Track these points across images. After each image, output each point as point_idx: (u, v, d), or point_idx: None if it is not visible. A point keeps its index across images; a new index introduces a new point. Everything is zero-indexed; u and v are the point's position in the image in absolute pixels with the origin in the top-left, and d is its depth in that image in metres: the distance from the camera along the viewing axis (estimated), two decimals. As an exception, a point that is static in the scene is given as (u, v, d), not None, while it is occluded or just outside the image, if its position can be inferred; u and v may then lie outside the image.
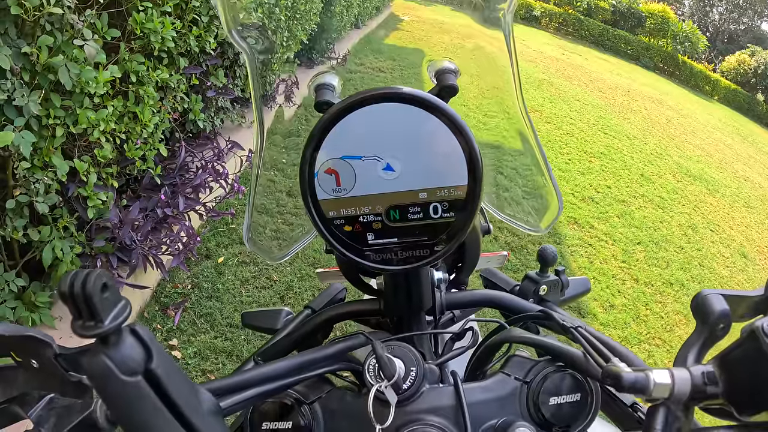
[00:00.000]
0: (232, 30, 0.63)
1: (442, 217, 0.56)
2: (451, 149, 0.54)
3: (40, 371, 0.45)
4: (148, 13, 2.17)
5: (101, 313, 0.34)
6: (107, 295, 0.34)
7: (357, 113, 0.53)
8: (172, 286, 2.75)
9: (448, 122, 0.53)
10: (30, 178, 1.77)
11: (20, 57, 1.63)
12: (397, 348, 0.57)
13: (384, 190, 0.55)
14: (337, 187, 0.55)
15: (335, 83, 0.65)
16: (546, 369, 0.58)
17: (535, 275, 0.86)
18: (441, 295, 0.75)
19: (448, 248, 0.57)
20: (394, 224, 0.57)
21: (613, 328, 3.49)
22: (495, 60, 0.70)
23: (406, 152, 0.54)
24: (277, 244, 0.83)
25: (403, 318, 0.73)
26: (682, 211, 5.84)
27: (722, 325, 0.51)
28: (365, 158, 0.54)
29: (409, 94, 0.53)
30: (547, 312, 0.67)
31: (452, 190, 0.55)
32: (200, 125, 3.08)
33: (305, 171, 0.55)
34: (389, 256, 0.58)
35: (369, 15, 8.49)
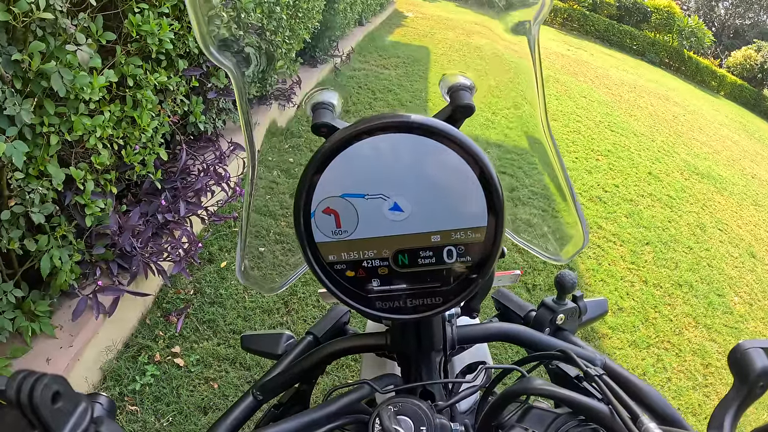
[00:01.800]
0: (210, 47, 0.55)
1: (457, 262, 0.49)
2: (469, 186, 0.47)
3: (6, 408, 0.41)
4: (145, 15, 2.11)
5: (54, 426, 0.29)
6: (60, 405, 0.29)
7: (359, 145, 0.46)
8: (174, 291, 2.71)
9: (465, 155, 0.46)
10: (25, 188, 1.73)
11: (11, 64, 1.58)
12: (405, 405, 0.51)
13: (391, 232, 0.49)
14: (337, 229, 0.49)
15: (335, 101, 0.57)
16: (568, 424, 0.53)
17: (552, 303, 0.80)
18: (453, 331, 0.69)
19: (464, 296, 0.50)
20: (403, 270, 0.50)
21: (621, 331, 3.43)
22: (517, 75, 0.63)
23: (416, 190, 0.47)
24: (273, 274, 0.77)
25: (410, 357, 0.67)
26: (691, 210, 5.77)
27: (762, 383, 0.47)
28: (369, 197, 0.47)
29: (419, 123, 0.46)
30: (567, 353, 0.61)
31: (470, 233, 0.48)
32: (201, 127, 3.03)
33: (300, 211, 0.48)
34: (397, 305, 0.51)
35: (373, 12, 8.42)
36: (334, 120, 0.56)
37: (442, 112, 0.55)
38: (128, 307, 2.38)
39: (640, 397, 0.62)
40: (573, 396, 0.53)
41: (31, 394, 0.28)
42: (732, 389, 0.48)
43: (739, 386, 0.48)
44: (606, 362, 0.67)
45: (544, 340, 0.70)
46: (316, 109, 0.57)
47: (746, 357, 0.47)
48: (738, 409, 0.48)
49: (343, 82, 5.74)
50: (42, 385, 0.28)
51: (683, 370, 3.27)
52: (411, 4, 9.20)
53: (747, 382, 0.47)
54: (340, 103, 0.58)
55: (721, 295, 4.31)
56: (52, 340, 2.05)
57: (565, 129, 6.94)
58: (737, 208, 6.42)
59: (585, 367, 0.57)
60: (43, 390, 0.29)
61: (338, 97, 0.58)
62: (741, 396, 0.48)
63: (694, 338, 3.64)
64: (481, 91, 0.59)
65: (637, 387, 0.63)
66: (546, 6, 0.56)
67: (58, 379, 0.30)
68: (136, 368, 2.28)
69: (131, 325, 2.45)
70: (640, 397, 0.62)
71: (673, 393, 3.06)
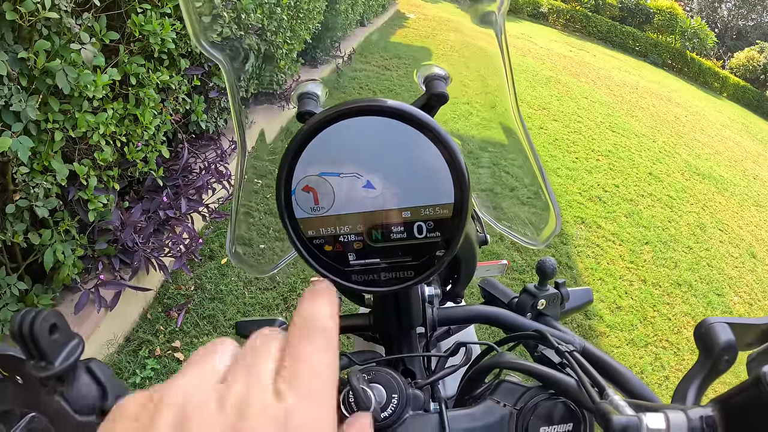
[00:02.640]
0: (202, 40, 0.59)
1: (427, 237, 0.52)
2: (436, 166, 0.50)
3: (24, 387, 0.44)
4: (148, 15, 2.15)
5: (50, 354, 0.33)
6: (56, 336, 0.33)
7: (335, 127, 0.49)
8: (175, 287, 2.74)
9: (432, 137, 0.49)
10: (29, 183, 1.76)
11: (17, 62, 1.62)
12: (379, 374, 0.54)
13: (364, 209, 0.52)
14: (315, 206, 0.52)
15: (319, 92, 0.61)
16: (537, 397, 0.56)
17: (533, 288, 0.83)
18: (433, 312, 0.73)
19: (433, 270, 0.53)
20: (377, 244, 0.53)
21: (620, 330, 3.45)
22: (488, 64, 0.66)
23: (387, 169, 0.50)
24: (265, 257, 0.81)
25: (391, 335, 0.71)
26: (691, 210, 5.79)
27: (727, 357, 0.49)
28: (344, 175, 0.51)
29: (391, 108, 0.49)
30: (541, 332, 0.64)
31: (438, 209, 0.51)
32: (203, 126, 3.06)
33: (281, 189, 0.51)
34: (372, 278, 0.54)
35: (375, 12, 8.45)
36: (317, 108, 0.60)
37: (418, 100, 0.59)
38: (129, 301, 2.42)
39: (616, 377, 0.64)
40: (542, 369, 0.56)
41: (31, 327, 0.32)
42: (696, 363, 0.50)
43: (703, 360, 0.50)
44: (585, 345, 0.70)
45: (523, 322, 0.73)
46: (301, 99, 0.61)
47: (711, 331, 0.49)
48: (702, 381, 0.49)
49: (344, 82, 5.77)
50: (41, 318, 0.32)
51: (681, 368, 3.29)
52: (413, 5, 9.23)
53: (711, 355, 0.49)
54: (325, 93, 0.62)
55: (721, 295, 4.33)
56: (55, 334, 2.08)
57: (566, 129, 6.96)
58: (738, 209, 6.43)
59: (557, 344, 0.60)
60: (42, 322, 0.32)
61: (323, 88, 0.62)
62: (705, 369, 0.49)
63: (692, 337, 3.65)
64: (456, 81, 0.63)
65: (613, 368, 0.65)
66: None
67: (55, 314, 0.34)
68: (136, 362, 2.32)
69: (132, 320, 2.49)
70: (615, 378, 0.64)
71: (671, 391, 3.07)
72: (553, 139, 6.47)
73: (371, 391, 0.51)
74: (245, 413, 0.26)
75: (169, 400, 0.27)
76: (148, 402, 0.28)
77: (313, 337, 0.32)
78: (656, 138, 8.09)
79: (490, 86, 0.70)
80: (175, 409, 0.26)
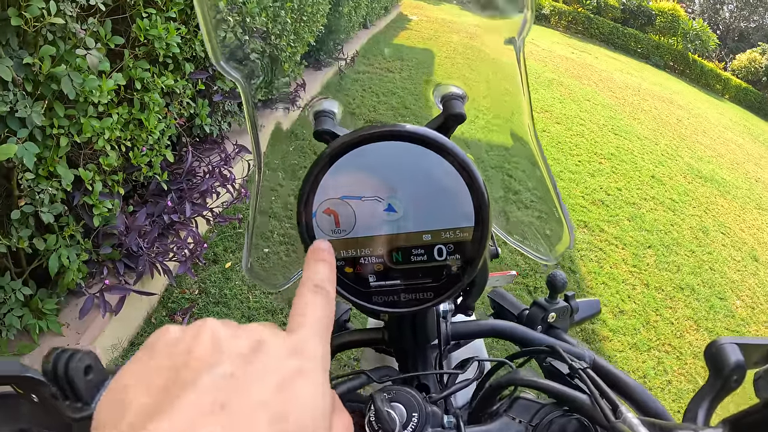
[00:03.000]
0: (220, 60, 0.59)
1: (447, 260, 0.53)
2: (457, 190, 0.51)
3: (40, 406, 0.44)
4: (152, 20, 2.15)
5: (86, 396, 0.33)
6: (91, 377, 0.34)
7: (357, 152, 0.50)
8: (180, 291, 2.75)
9: (453, 161, 0.50)
10: (35, 188, 1.77)
11: (22, 68, 1.62)
12: (399, 393, 0.55)
13: (385, 231, 0.53)
14: (336, 228, 0.52)
15: (335, 110, 0.62)
16: (552, 413, 0.57)
17: (543, 302, 0.83)
18: (447, 326, 0.73)
19: (453, 291, 0.54)
20: (397, 266, 0.54)
21: (622, 334, 3.45)
22: (505, 83, 0.67)
23: (409, 193, 0.51)
24: (280, 272, 0.81)
25: (407, 351, 0.71)
26: (693, 213, 5.79)
27: (736, 376, 0.50)
28: (365, 198, 0.51)
29: (411, 133, 0.50)
30: (554, 348, 0.64)
31: (458, 232, 0.52)
32: (207, 129, 3.07)
33: (302, 211, 0.52)
34: (392, 299, 0.55)
35: (377, 15, 8.46)
36: (334, 127, 0.60)
37: (435, 120, 0.59)
38: (134, 306, 2.42)
39: (627, 392, 0.65)
40: (556, 386, 0.57)
41: (66, 367, 0.32)
42: (707, 383, 0.51)
43: (713, 380, 0.51)
44: (595, 359, 0.70)
45: (535, 336, 0.73)
46: (317, 117, 0.61)
47: (722, 352, 0.50)
48: (712, 401, 0.51)
49: (347, 85, 5.78)
50: (76, 360, 0.33)
51: (684, 372, 3.29)
52: (416, 7, 9.24)
53: (721, 376, 0.50)
54: (341, 111, 0.63)
55: (723, 299, 4.33)
56: (59, 338, 2.09)
57: (569, 132, 6.96)
58: (740, 212, 6.43)
59: (570, 361, 0.60)
60: (77, 364, 0.33)
61: (339, 106, 0.62)
62: (715, 389, 0.50)
63: (695, 341, 3.66)
64: (473, 99, 0.63)
65: (624, 382, 0.66)
66: (528, 22, 0.60)
67: (90, 354, 0.34)
68: (141, 366, 2.31)
69: (137, 324, 2.49)
70: (626, 392, 0.65)
71: (674, 395, 3.08)
72: (555, 142, 6.47)
73: (394, 412, 0.52)
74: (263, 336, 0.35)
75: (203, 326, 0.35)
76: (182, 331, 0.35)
77: (316, 293, 0.42)
78: (658, 140, 8.08)
79: (505, 98, 0.70)
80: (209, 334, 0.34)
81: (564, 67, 11.64)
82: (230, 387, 0.31)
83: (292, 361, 0.34)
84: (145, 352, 0.34)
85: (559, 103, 8.21)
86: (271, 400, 0.31)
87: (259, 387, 0.31)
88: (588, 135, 7.10)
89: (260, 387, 0.31)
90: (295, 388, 0.32)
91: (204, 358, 0.32)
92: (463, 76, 0.64)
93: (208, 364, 0.32)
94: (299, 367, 0.34)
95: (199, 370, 0.31)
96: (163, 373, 0.32)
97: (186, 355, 0.32)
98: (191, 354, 0.32)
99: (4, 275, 1.89)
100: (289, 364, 0.34)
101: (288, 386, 0.32)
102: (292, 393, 0.32)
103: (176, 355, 0.33)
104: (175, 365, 0.32)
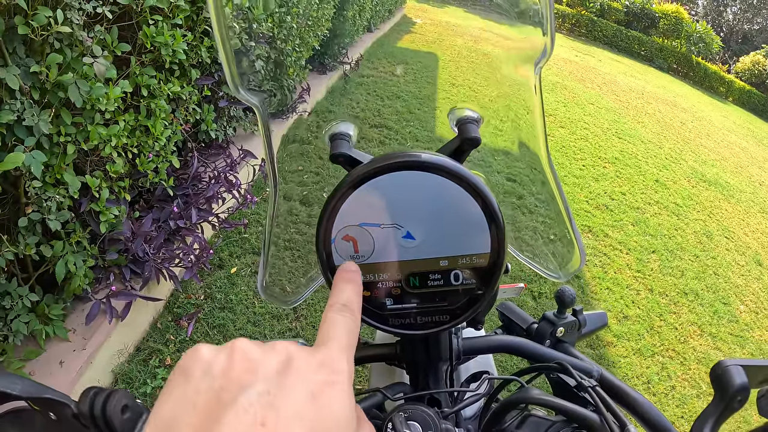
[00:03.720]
0: (239, 88, 0.60)
1: (463, 284, 0.55)
2: (474, 217, 0.52)
3: (56, 423, 0.45)
4: (159, 26, 2.16)
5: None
6: (128, 416, 0.35)
7: (375, 181, 0.52)
8: (185, 296, 2.75)
9: (470, 190, 0.51)
10: (42, 196, 1.77)
11: (29, 76, 1.62)
12: (414, 411, 0.56)
13: (403, 258, 0.54)
14: (355, 254, 0.54)
15: (351, 132, 0.63)
16: (562, 431, 0.58)
17: (552, 316, 0.84)
18: (458, 342, 0.74)
19: (468, 315, 0.55)
20: (414, 290, 0.55)
21: (626, 339, 3.45)
22: (521, 106, 0.68)
23: (426, 220, 0.52)
24: (290, 290, 0.81)
25: (419, 366, 0.72)
26: (697, 217, 5.78)
27: (740, 397, 0.52)
28: (384, 226, 0.53)
29: (429, 163, 0.51)
30: (563, 365, 0.65)
31: (474, 258, 0.53)
32: (213, 135, 3.08)
33: (321, 237, 0.53)
34: (409, 321, 0.57)
35: (382, 18, 8.46)
36: (350, 150, 0.61)
37: (450, 143, 0.60)
38: (140, 311, 2.43)
39: (634, 407, 0.66)
40: (566, 405, 0.58)
41: (104, 407, 0.34)
42: (712, 403, 0.53)
43: (718, 400, 0.53)
44: (602, 373, 0.71)
45: (544, 351, 0.74)
46: (333, 140, 0.62)
47: (727, 373, 0.52)
48: (717, 420, 0.53)
49: (352, 89, 5.79)
50: (114, 400, 0.34)
51: (688, 378, 3.29)
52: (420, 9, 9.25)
53: (726, 397, 0.51)
54: (356, 134, 0.64)
55: (727, 304, 4.32)
56: (66, 343, 2.10)
57: (573, 136, 6.96)
58: (744, 216, 6.42)
59: (579, 379, 0.61)
60: (115, 403, 0.34)
61: (354, 128, 0.64)
62: (719, 409, 0.52)
63: (699, 346, 3.66)
64: (488, 121, 0.64)
65: (631, 397, 0.67)
66: (548, 52, 0.60)
67: (125, 394, 0.36)
68: (147, 371, 2.33)
69: (143, 329, 2.50)
70: (633, 407, 0.66)
71: (677, 401, 3.07)
72: (560, 146, 6.47)
73: (410, 431, 0.53)
74: (292, 353, 0.37)
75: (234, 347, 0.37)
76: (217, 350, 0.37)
77: (343, 313, 0.44)
78: (662, 144, 8.08)
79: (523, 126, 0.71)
80: (241, 354, 0.36)
81: (568, 70, 11.64)
82: (267, 404, 0.33)
83: (321, 374, 0.36)
84: (180, 376, 0.35)
85: (563, 107, 8.21)
86: (305, 412, 0.33)
87: (293, 401, 0.33)
88: (592, 139, 7.10)
89: (294, 401, 0.33)
90: (326, 398, 0.35)
91: (240, 378, 0.34)
92: (477, 98, 0.65)
93: (245, 384, 0.34)
94: (327, 380, 0.36)
95: (237, 391, 0.33)
96: (203, 396, 0.33)
97: (223, 377, 0.34)
98: (227, 376, 0.34)
99: (11, 281, 1.89)
100: (318, 376, 0.36)
101: (319, 397, 0.34)
102: (324, 402, 0.34)
103: (213, 377, 0.34)
104: (213, 387, 0.34)
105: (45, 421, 0.46)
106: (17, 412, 0.47)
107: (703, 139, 9.82)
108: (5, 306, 1.86)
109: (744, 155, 10.06)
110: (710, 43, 20.93)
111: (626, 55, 19.68)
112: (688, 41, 20.76)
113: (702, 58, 21.18)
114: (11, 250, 1.75)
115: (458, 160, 0.60)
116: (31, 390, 0.42)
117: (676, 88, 16.22)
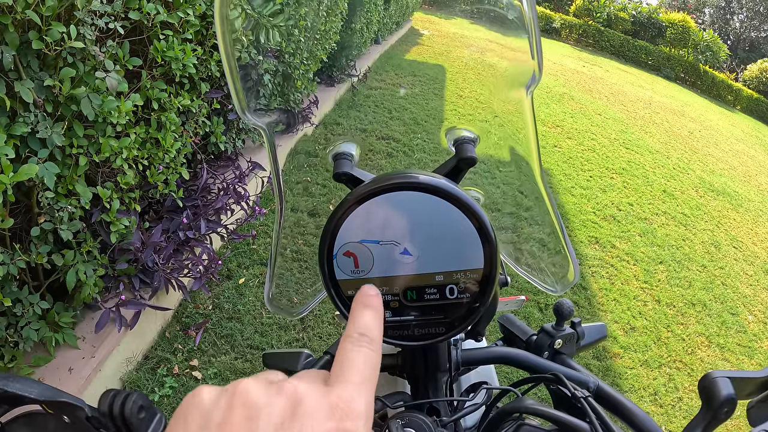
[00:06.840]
0: (246, 112, 0.63)
1: (458, 298, 0.57)
2: (468, 235, 0.55)
3: (70, 426, 0.48)
4: (169, 41, 2.20)
5: None
6: (143, 416, 0.38)
7: (374, 200, 0.55)
8: (194, 306, 2.78)
9: (464, 210, 0.54)
10: (54, 206, 1.81)
11: (43, 89, 1.66)
12: (413, 419, 0.58)
13: (401, 273, 0.57)
14: (355, 269, 0.57)
15: (353, 152, 0.66)
16: None
17: (550, 329, 0.86)
18: (457, 354, 0.76)
19: (463, 327, 0.58)
20: (412, 303, 0.58)
21: (633, 351, 3.45)
22: (516, 127, 0.71)
23: (422, 238, 0.55)
24: (296, 302, 0.84)
25: (419, 377, 0.74)
26: (705, 228, 5.77)
27: (727, 408, 0.54)
28: (383, 243, 0.56)
29: (425, 184, 0.54)
30: (558, 376, 0.68)
31: (468, 273, 0.56)
32: (222, 147, 3.12)
33: (324, 253, 0.57)
34: (407, 333, 0.60)
35: (389, 30, 8.53)
36: (352, 169, 0.65)
37: (448, 162, 0.64)
38: (149, 320, 2.46)
39: (630, 418, 0.67)
40: (558, 414, 0.60)
41: (122, 408, 0.37)
42: (699, 413, 0.55)
43: (705, 411, 0.55)
44: (599, 385, 0.73)
45: (541, 363, 0.76)
46: (336, 159, 0.66)
47: (714, 385, 0.54)
48: (703, 430, 0.55)
49: (360, 101, 5.83)
50: (131, 401, 0.37)
51: (695, 389, 3.26)
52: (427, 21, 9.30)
53: (712, 408, 0.53)
54: (358, 154, 0.67)
55: (735, 314, 4.30)
56: (75, 351, 2.12)
57: (580, 147, 6.97)
58: (753, 225, 6.39)
59: (573, 389, 0.63)
60: (132, 404, 0.37)
61: (357, 148, 0.67)
62: (707, 420, 0.55)
63: (706, 357, 3.64)
64: (489, 136, 0.67)
65: (628, 409, 0.69)
66: (537, 79, 0.64)
67: (141, 396, 0.39)
68: (155, 380, 2.35)
69: (151, 338, 2.53)
70: (629, 419, 0.68)
71: (684, 413, 3.06)
72: (567, 157, 6.48)
73: None
74: (301, 396, 0.34)
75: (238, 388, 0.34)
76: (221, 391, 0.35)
77: (361, 343, 0.40)
78: (670, 154, 8.07)
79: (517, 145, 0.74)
80: (242, 399, 0.33)
81: (575, 80, 11.66)
82: None
83: (333, 420, 0.33)
84: (178, 422, 0.34)
85: (570, 118, 8.23)
86: None
87: None
88: (599, 150, 7.10)
89: None
90: None
91: (239, 429, 0.31)
92: (483, 111, 0.69)
93: None
94: (339, 427, 0.32)
95: None
96: None
97: (219, 428, 0.32)
98: (225, 426, 0.32)
99: (22, 289, 1.92)
100: (328, 424, 0.32)
101: None
102: None
103: (209, 427, 0.32)
104: None
105: (58, 425, 0.49)
106: (30, 416, 0.49)
107: (710, 148, 9.80)
108: (16, 313, 1.89)
109: (752, 164, 10.02)
110: (717, 52, 20.90)
111: (633, 64, 19.69)
112: (695, 50, 20.75)
113: (709, 67, 21.15)
114: (23, 259, 1.78)
115: (455, 179, 0.63)
116: (47, 393, 0.45)
117: (683, 97, 16.20)
